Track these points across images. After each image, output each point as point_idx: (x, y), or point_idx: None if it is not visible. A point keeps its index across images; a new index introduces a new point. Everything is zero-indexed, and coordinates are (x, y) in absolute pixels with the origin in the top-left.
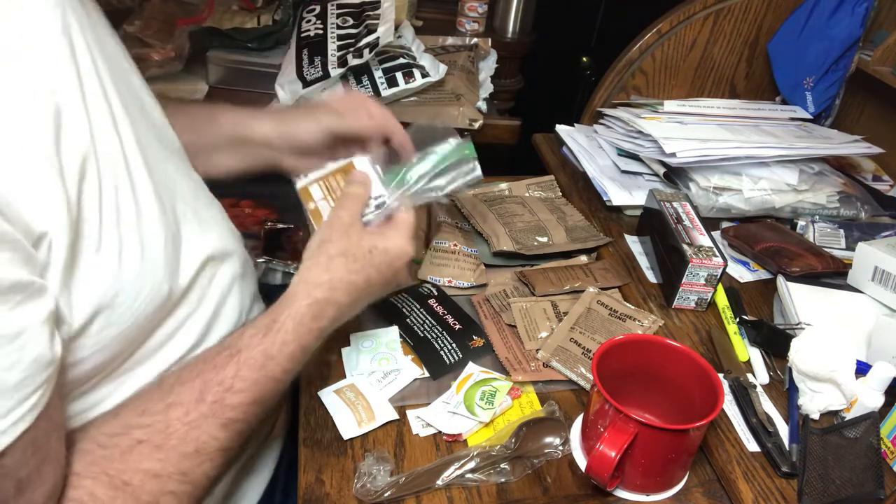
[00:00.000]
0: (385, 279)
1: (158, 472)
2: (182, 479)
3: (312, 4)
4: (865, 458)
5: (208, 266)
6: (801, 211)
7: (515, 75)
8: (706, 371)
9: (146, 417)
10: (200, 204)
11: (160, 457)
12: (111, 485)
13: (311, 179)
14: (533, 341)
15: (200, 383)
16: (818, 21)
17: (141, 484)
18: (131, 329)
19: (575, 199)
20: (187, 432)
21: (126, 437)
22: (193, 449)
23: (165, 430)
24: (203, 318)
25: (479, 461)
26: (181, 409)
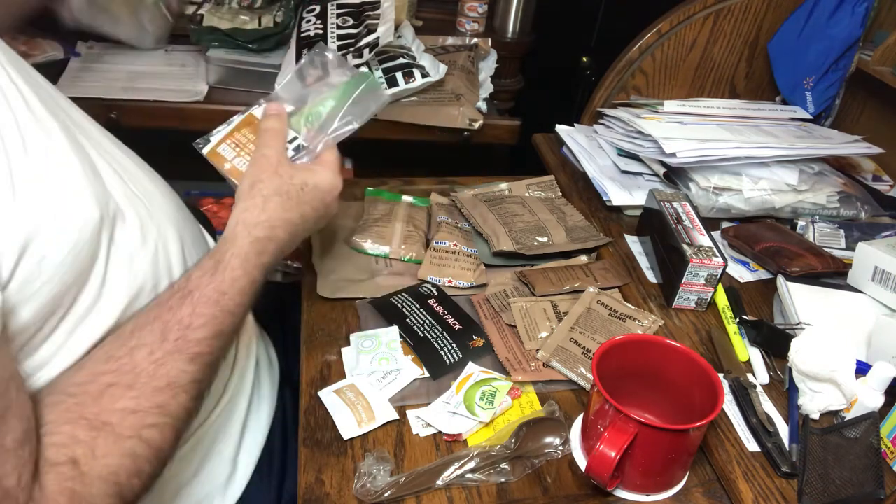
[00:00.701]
0: (318, 214)
1: (134, 408)
2: (160, 411)
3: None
4: (865, 458)
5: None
6: (801, 211)
7: (515, 75)
8: (706, 371)
9: (112, 363)
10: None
11: (133, 394)
12: (90, 426)
13: (215, 142)
14: (533, 341)
15: (160, 325)
16: (818, 21)
17: (120, 421)
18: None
19: (575, 199)
20: (156, 369)
21: (95, 383)
22: (165, 383)
23: (133, 370)
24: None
25: (479, 461)
26: (145, 350)
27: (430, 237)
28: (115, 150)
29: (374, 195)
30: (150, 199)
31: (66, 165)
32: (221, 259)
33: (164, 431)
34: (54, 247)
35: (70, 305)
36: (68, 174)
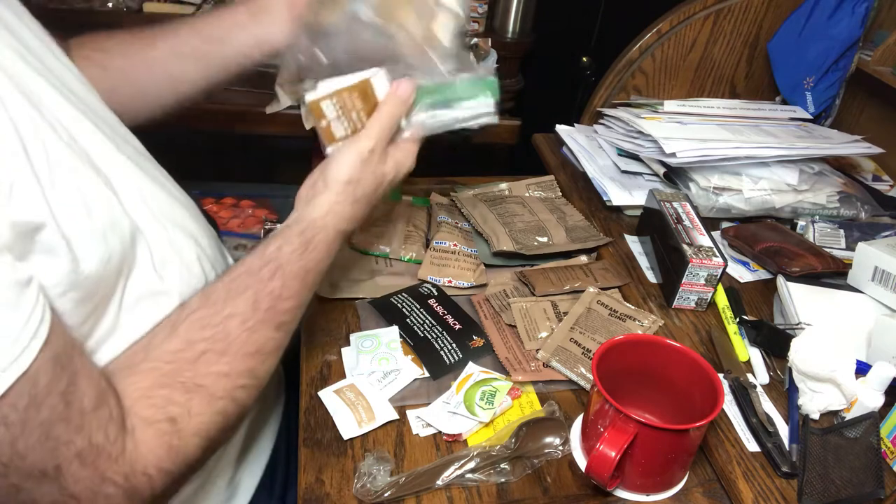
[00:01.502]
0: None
1: (227, 372)
2: (250, 374)
3: None
4: (865, 458)
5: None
6: (801, 211)
7: (515, 75)
8: (706, 371)
9: (207, 331)
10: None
11: (227, 360)
12: (185, 389)
13: (322, 94)
14: (533, 341)
15: (252, 294)
16: (818, 21)
17: (213, 384)
18: (89, 295)
19: (575, 199)
20: (248, 336)
21: (190, 350)
22: (255, 349)
23: (226, 337)
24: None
25: (479, 461)
26: (239, 319)
27: (430, 237)
28: (139, 169)
29: None
30: (169, 217)
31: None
32: (311, 240)
33: (250, 392)
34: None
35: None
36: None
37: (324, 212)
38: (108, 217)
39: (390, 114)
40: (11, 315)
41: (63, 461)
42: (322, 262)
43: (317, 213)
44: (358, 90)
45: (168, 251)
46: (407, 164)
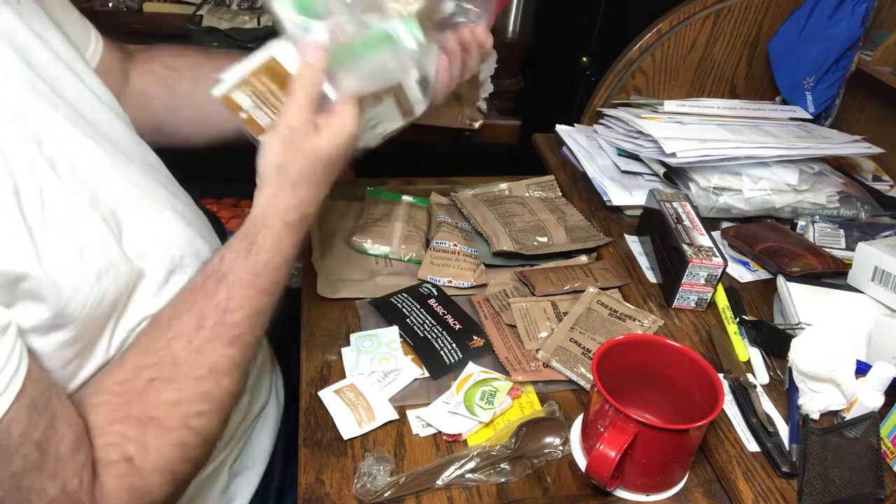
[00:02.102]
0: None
1: (178, 399)
2: (204, 399)
3: None
4: (865, 458)
5: (158, 250)
6: (801, 211)
7: (515, 75)
8: (706, 371)
9: (151, 357)
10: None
11: (176, 386)
12: (138, 423)
13: (229, 85)
14: (533, 341)
15: (196, 311)
16: (818, 21)
17: (165, 414)
18: (76, 337)
19: (575, 199)
20: (195, 358)
21: (137, 379)
22: (207, 370)
23: (173, 362)
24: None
25: (479, 461)
26: (183, 340)
27: (430, 237)
28: (150, 198)
29: (374, 195)
30: (173, 246)
31: (85, 241)
32: (254, 241)
33: (210, 417)
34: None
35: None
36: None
37: (262, 207)
38: (104, 259)
39: (304, 84)
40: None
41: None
42: (274, 261)
43: (256, 210)
44: (265, 71)
45: (173, 282)
46: (346, 127)
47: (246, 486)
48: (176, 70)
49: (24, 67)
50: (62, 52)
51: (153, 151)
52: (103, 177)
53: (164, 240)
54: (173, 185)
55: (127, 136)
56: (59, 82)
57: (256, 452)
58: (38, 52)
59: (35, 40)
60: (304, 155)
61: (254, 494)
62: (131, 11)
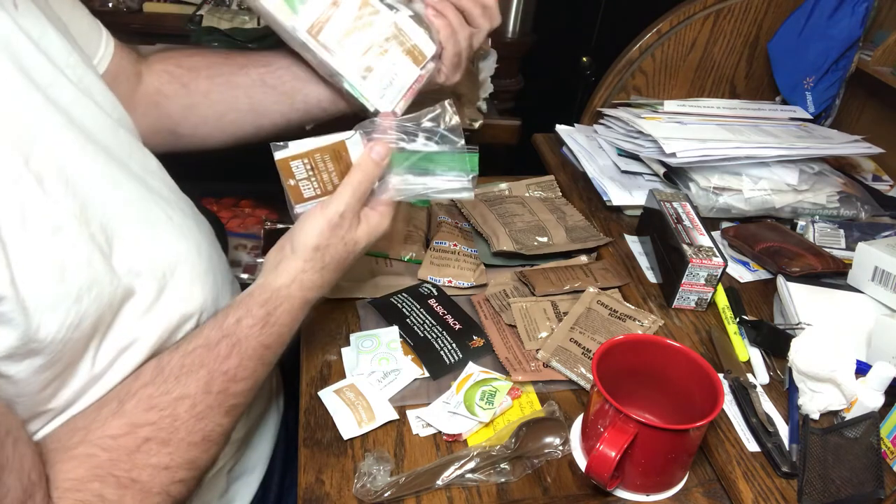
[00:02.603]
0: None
1: (167, 464)
2: (190, 466)
3: None
4: (865, 458)
5: (149, 272)
6: (801, 211)
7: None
8: (706, 371)
9: (153, 413)
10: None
11: (169, 451)
12: (119, 484)
13: (293, 153)
14: (533, 341)
15: (206, 374)
16: (818, 21)
17: (150, 479)
18: (52, 361)
19: (575, 199)
20: (195, 424)
21: (132, 436)
22: (201, 438)
23: (172, 424)
24: (162, 323)
25: (479, 461)
26: (188, 402)
27: (430, 237)
28: (146, 211)
29: None
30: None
31: (70, 253)
32: (273, 312)
33: (189, 485)
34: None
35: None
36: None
37: (289, 280)
38: (87, 278)
39: (363, 177)
40: None
41: None
42: (283, 336)
43: (281, 280)
44: (330, 151)
45: (164, 299)
46: (381, 227)
47: (245, 490)
48: (192, 69)
49: (17, 74)
50: (58, 57)
51: (154, 157)
52: (96, 189)
53: (157, 256)
54: (173, 191)
55: (127, 142)
56: (53, 90)
57: (256, 457)
58: (32, 57)
59: (30, 45)
60: (342, 242)
61: (253, 498)
62: (131, 11)
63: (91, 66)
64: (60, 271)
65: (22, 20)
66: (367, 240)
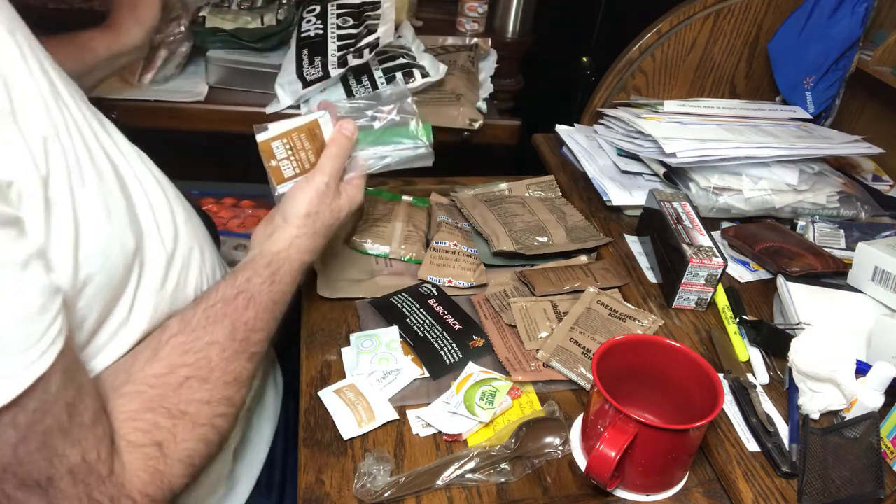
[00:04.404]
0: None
1: (209, 399)
2: (228, 402)
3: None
4: (865, 458)
5: (162, 220)
6: (801, 211)
7: (515, 75)
8: (706, 371)
9: (189, 356)
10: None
11: (208, 387)
12: (170, 414)
13: (273, 134)
14: (533, 341)
15: (229, 323)
16: (818, 21)
17: (197, 411)
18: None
19: (575, 199)
20: (227, 365)
21: (174, 375)
22: (233, 378)
23: (208, 365)
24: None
25: (479, 461)
26: (218, 347)
27: (430, 237)
28: (146, 175)
29: (374, 195)
30: (175, 225)
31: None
32: (277, 272)
33: (229, 420)
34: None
35: (102, 322)
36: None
37: (286, 244)
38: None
39: (339, 150)
40: (38, 318)
41: (55, 474)
42: (287, 294)
43: (279, 246)
44: (306, 130)
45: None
46: (358, 198)
47: (249, 472)
48: None
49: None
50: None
51: None
52: (120, 156)
53: (169, 232)
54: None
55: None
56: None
57: (258, 438)
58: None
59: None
60: (329, 210)
61: (257, 480)
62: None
63: None
64: (108, 212)
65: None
66: (348, 208)
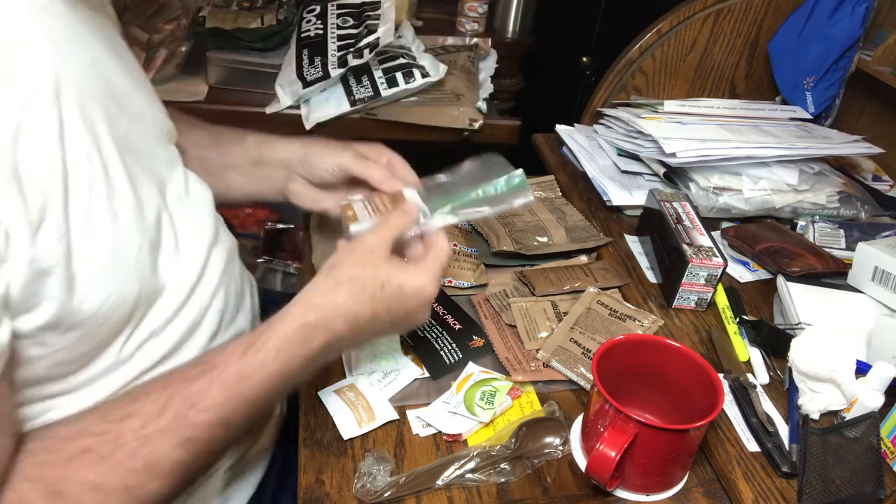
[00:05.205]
0: (395, 318)
1: (98, 485)
2: (126, 494)
3: (312, 5)
4: (865, 458)
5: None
6: (801, 211)
7: (515, 75)
8: (706, 371)
9: (101, 426)
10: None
11: (103, 469)
12: (45, 492)
13: (356, 199)
14: (533, 341)
15: (166, 395)
16: (818, 21)
17: (76, 496)
18: (90, 334)
19: (575, 199)
20: (139, 446)
21: (75, 443)
22: (143, 464)
23: (116, 440)
24: (180, 327)
25: (479, 461)
26: (138, 420)
27: None
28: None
29: None
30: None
31: (123, 242)
32: (259, 338)
33: None
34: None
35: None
36: (122, 249)
37: (292, 301)
38: (135, 264)
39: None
40: None
41: None
42: (268, 368)
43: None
44: (390, 196)
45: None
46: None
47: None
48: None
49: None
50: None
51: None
52: (153, 191)
53: (189, 268)
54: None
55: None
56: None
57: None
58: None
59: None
60: (362, 264)
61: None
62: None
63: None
64: (112, 254)
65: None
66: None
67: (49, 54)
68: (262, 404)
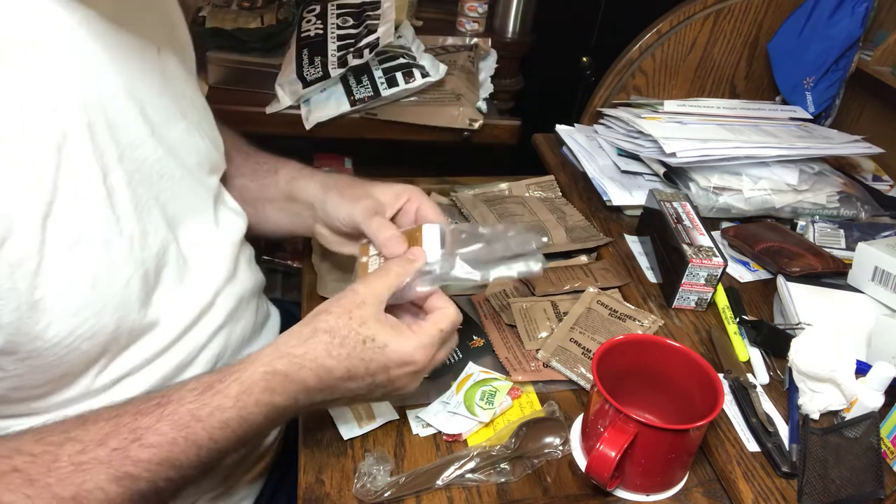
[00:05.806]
0: (377, 382)
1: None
2: None
3: (312, 4)
4: (865, 458)
5: (185, 308)
6: (801, 211)
7: (515, 75)
8: (706, 371)
9: (40, 446)
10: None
11: (29, 493)
12: None
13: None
14: (533, 341)
15: (112, 425)
16: (818, 21)
17: None
18: (52, 364)
19: (575, 199)
20: (71, 473)
21: (6, 461)
22: (71, 494)
23: (50, 464)
24: (167, 365)
25: (479, 461)
26: (77, 446)
27: None
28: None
29: None
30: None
31: (111, 270)
32: (221, 380)
33: None
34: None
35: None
36: (107, 279)
37: (265, 346)
38: (118, 298)
39: (390, 269)
40: None
41: None
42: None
43: (256, 352)
44: (406, 235)
45: (183, 343)
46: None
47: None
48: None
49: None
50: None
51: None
52: (162, 224)
53: (189, 304)
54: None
55: (214, 187)
56: (163, 128)
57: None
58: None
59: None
60: (347, 316)
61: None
62: None
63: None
64: (93, 281)
65: None
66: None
67: (69, 74)
68: (217, 450)
